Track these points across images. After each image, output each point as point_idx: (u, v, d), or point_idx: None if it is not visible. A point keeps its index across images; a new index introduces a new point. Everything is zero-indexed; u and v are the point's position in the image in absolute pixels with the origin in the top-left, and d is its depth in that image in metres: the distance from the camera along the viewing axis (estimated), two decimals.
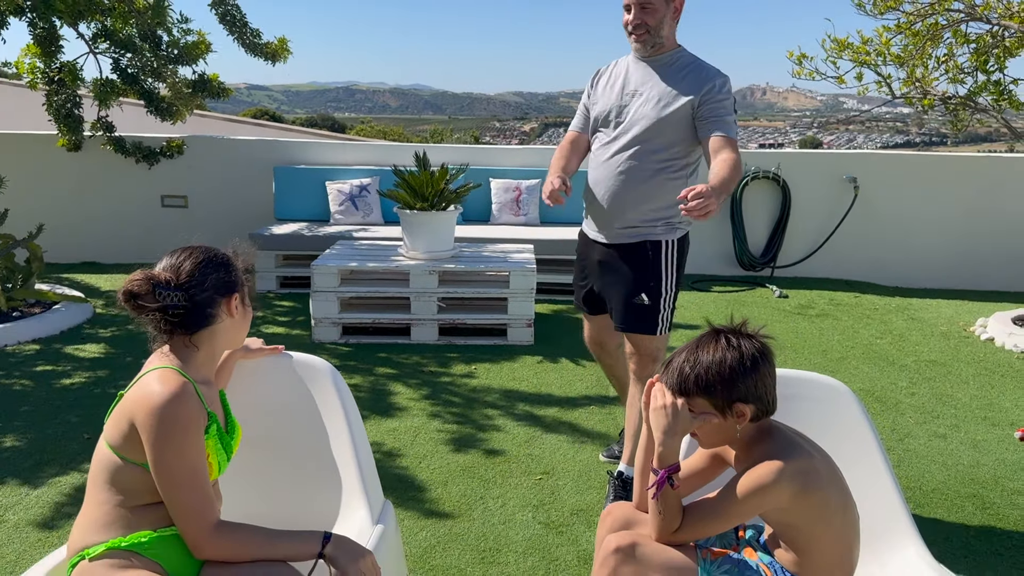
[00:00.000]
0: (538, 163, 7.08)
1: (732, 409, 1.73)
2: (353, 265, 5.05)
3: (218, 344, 1.84)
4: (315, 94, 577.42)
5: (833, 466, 1.76)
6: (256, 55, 6.75)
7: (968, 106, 6.03)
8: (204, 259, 1.79)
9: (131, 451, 1.68)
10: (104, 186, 7.19)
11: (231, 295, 1.83)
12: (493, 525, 2.96)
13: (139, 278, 1.71)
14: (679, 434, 1.78)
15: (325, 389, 2.23)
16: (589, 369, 4.62)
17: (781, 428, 1.79)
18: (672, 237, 2.97)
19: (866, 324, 5.75)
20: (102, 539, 1.67)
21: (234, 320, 1.85)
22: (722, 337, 1.75)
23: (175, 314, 1.73)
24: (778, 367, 1.85)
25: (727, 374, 1.71)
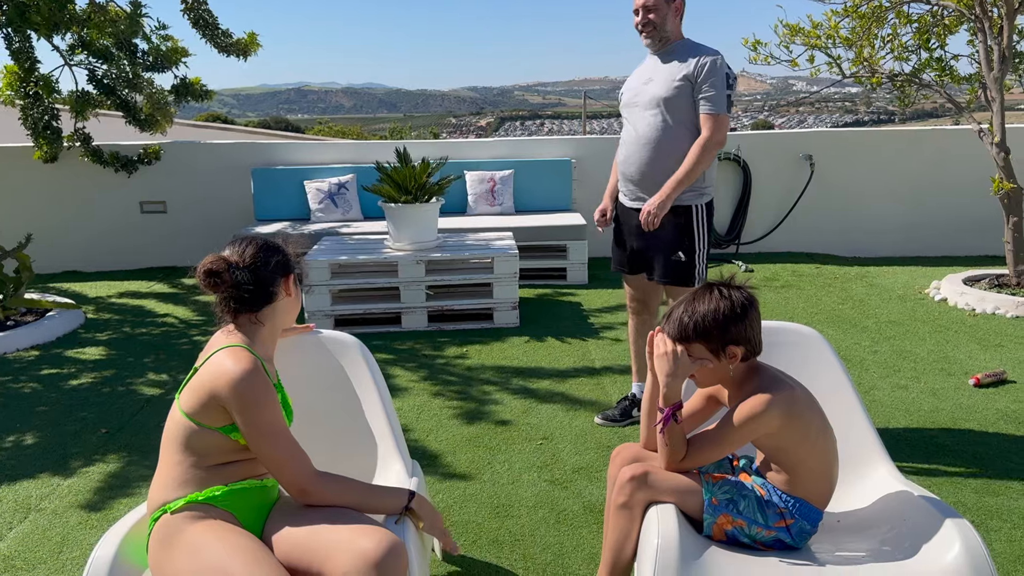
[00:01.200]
0: (510, 154, 7.34)
1: (726, 351, 2.00)
2: (344, 259, 5.26)
3: (279, 320, 2.08)
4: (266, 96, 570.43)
5: (812, 396, 2.05)
6: (229, 54, 6.89)
7: (913, 82, 6.41)
8: (263, 244, 2.04)
9: (208, 418, 1.90)
10: (83, 196, 7.29)
11: (288, 275, 2.08)
12: (503, 485, 3.22)
13: (215, 259, 1.95)
14: (681, 377, 2.05)
15: (355, 361, 2.47)
16: (574, 346, 4.90)
17: (766, 367, 2.07)
18: (700, 202, 3.43)
19: (828, 292, 6.10)
20: (180, 495, 1.89)
21: (291, 299, 2.10)
22: (715, 289, 2.02)
23: (245, 291, 1.97)
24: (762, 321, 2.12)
25: (721, 320, 1.98)
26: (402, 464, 2.35)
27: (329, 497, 1.92)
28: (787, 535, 2.01)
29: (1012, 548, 2.69)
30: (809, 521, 2.02)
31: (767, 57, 6.34)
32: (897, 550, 1.94)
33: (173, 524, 1.86)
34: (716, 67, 3.26)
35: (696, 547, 1.95)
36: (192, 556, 1.79)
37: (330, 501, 1.92)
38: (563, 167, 7.14)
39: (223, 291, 1.96)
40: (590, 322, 5.39)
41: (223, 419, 1.90)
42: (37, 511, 3.09)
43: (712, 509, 2.01)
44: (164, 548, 1.84)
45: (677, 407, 2.05)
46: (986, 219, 7.14)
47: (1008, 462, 3.31)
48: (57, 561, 2.75)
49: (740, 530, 2.01)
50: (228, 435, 1.91)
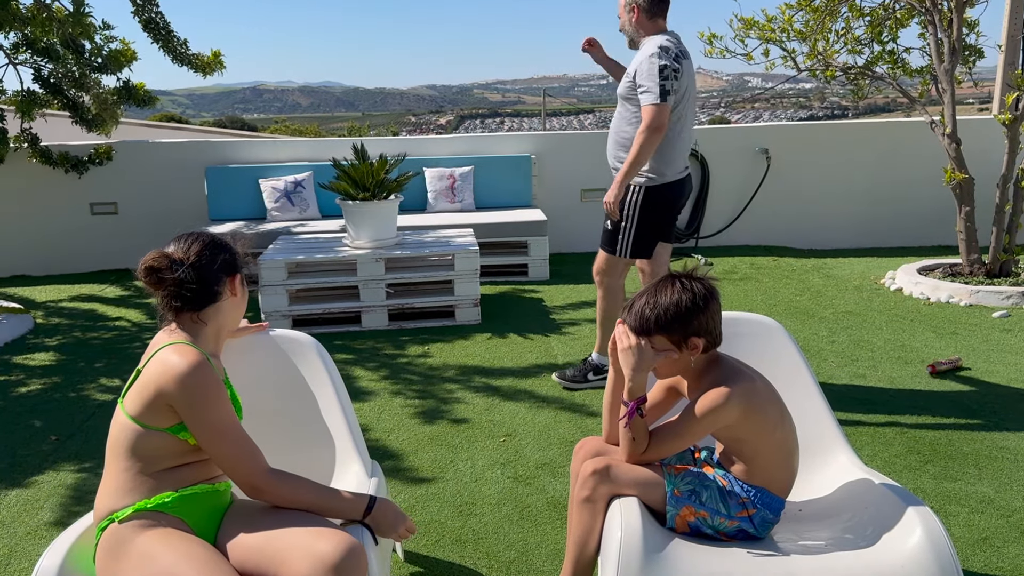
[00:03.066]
0: (470, 151, 7.29)
1: (688, 343, 1.99)
2: (300, 258, 5.18)
3: (222, 321, 2.01)
4: (221, 96, 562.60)
5: (771, 387, 2.04)
6: (185, 65, 6.74)
7: (867, 75, 6.50)
8: (210, 241, 1.97)
9: (154, 419, 1.83)
10: (30, 197, 7.09)
11: (234, 275, 2.01)
12: (466, 483, 3.18)
13: (157, 255, 1.88)
14: (645, 370, 2.03)
15: (311, 361, 2.41)
16: (537, 342, 4.88)
17: (726, 358, 2.06)
18: (638, 183, 3.80)
19: (786, 284, 6.16)
20: (129, 502, 1.82)
21: (236, 299, 2.03)
22: (677, 281, 2.00)
23: (187, 290, 1.90)
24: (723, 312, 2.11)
25: (683, 312, 1.96)
26: (361, 464, 2.30)
27: (284, 495, 1.85)
28: (750, 525, 2.00)
29: (971, 532, 2.72)
30: (771, 510, 2.02)
31: (723, 51, 6.38)
32: (859, 537, 1.94)
33: (121, 534, 1.79)
34: (651, 62, 3.60)
35: (659, 539, 1.93)
36: (142, 566, 1.73)
37: (285, 499, 1.86)
38: (523, 163, 7.11)
39: (164, 289, 1.90)
40: (552, 318, 5.38)
41: (170, 419, 1.83)
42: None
43: (675, 501, 2.00)
44: (112, 559, 1.77)
45: (641, 401, 2.03)
46: (939, 210, 7.27)
47: (965, 447, 3.35)
48: (4, 573, 2.66)
49: (703, 521, 2.00)
50: (176, 435, 1.84)
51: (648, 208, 3.79)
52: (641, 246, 3.85)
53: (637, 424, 2.03)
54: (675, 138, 3.74)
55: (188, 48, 6.62)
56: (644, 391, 2.05)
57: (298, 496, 1.86)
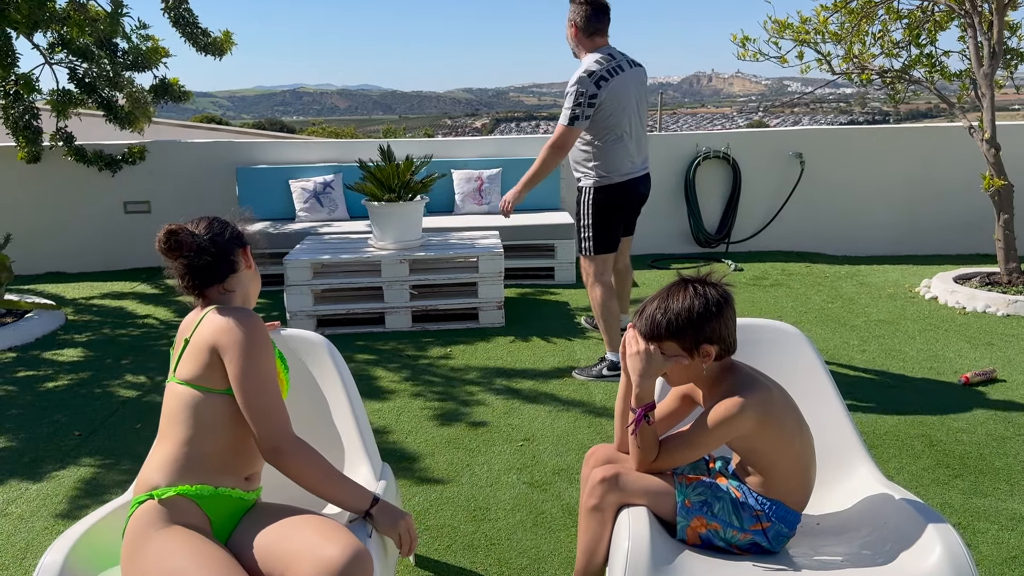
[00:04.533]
0: (497, 153, 7.27)
1: (699, 350, 1.93)
2: (326, 258, 5.19)
3: (246, 290, 2.05)
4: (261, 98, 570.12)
5: (788, 396, 1.98)
6: (207, 53, 6.82)
7: (903, 79, 6.36)
8: (214, 219, 2.02)
9: (213, 380, 1.86)
10: (66, 196, 7.20)
11: (246, 246, 2.06)
12: (481, 487, 3.15)
13: (173, 225, 1.92)
14: (653, 376, 1.98)
15: (323, 361, 2.40)
16: (559, 346, 4.83)
17: (741, 366, 2.00)
18: (587, 184, 4.15)
19: (818, 291, 6.04)
20: (174, 481, 1.83)
21: (252, 272, 2.08)
22: (689, 286, 1.95)
23: (208, 256, 1.93)
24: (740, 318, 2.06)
25: (695, 318, 1.91)
26: (369, 467, 2.28)
27: (300, 464, 1.85)
28: (763, 538, 1.94)
29: (1000, 551, 2.63)
30: (786, 524, 1.95)
31: (756, 53, 6.29)
32: (877, 554, 1.87)
33: (154, 515, 1.80)
34: (570, 88, 3.96)
35: (669, 551, 1.88)
36: (161, 559, 1.73)
37: (300, 468, 1.85)
38: None
39: (184, 256, 1.93)
40: (576, 322, 5.32)
41: (225, 378, 1.87)
42: (3, 516, 3.01)
43: (685, 512, 1.94)
44: (142, 539, 1.78)
45: (649, 408, 1.99)
46: (977, 217, 7.09)
47: (996, 462, 3.24)
48: (20, 567, 2.68)
49: (715, 533, 1.94)
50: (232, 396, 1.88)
51: (600, 206, 4.12)
52: (603, 243, 4.17)
53: (645, 432, 1.98)
54: (612, 145, 4.07)
55: (209, 36, 6.70)
56: (652, 398, 2.00)
57: (312, 470, 1.86)
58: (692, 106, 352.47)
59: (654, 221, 7.34)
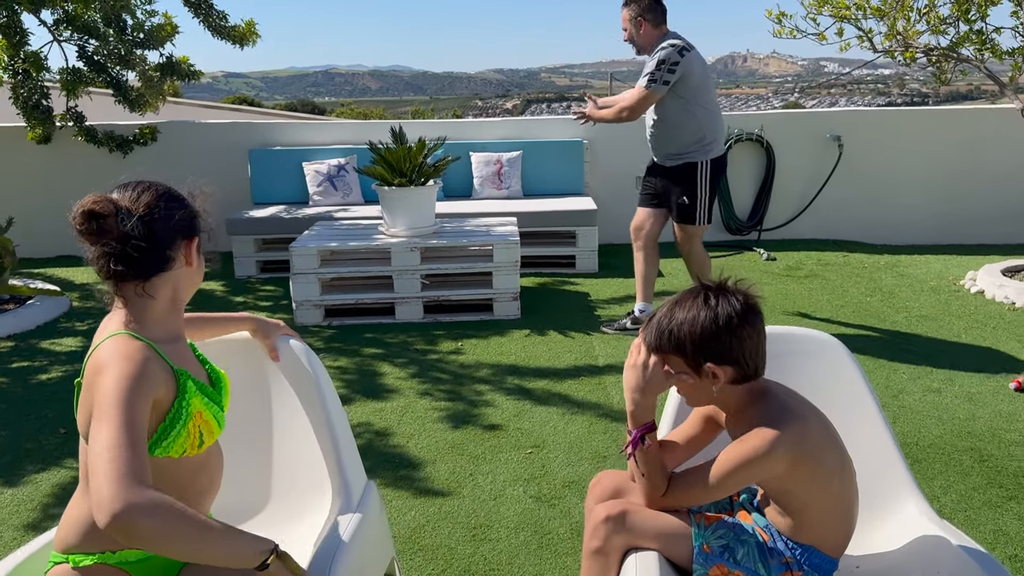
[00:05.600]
0: (519, 135, 6.97)
1: (703, 370, 1.65)
2: (333, 245, 4.95)
3: (175, 294, 1.62)
4: (293, 79, 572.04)
5: (828, 428, 1.69)
6: (223, 38, 6.58)
7: (951, 57, 5.94)
8: (164, 192, 1.59)
9: None
10: (77, 177, 7.04)
11: (192, 238, 1.63)
12: (483, 501, 2.90)
13: (99, 198, 1.50)
14: (651, 393, 1.72)
15: (298, 370, 2.14)
16: (577, 341, 4.55)
17: (774, 391, 1.70)
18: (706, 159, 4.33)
19: (855, 283, 5.69)
20: (91, 548, 1.54)
21: (191, 270, 1.64)
22: (702, 294, 1.66)
23: (134, 248, 1.51)
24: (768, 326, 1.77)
25: (698, 333, 1.63)
26: (344, 493, 2.02)
27: (147, 532, 1.28)
28: None
29: None
30: (821, 572, 1.67)
31: (792, 30, 5.91)
32: None
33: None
34: (657, 53, 4.14)
35: None
36: None
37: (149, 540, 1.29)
38: (575, 149, 6.76)
39: (104, 243, 1.50)
40: (597, 315, 5.04)
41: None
42: None
43: (703, 558, 1.67)
44: None
45: (647, 429, 1.72)
46: None
47: None
48: None
49: None
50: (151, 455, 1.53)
51: (714, 179, 4.36)
52: (710, 212, 4.42)
53: (647, 457, 1.71)
54: (716, 120, 4.33)
55: (227, 20, 6.45)
56: (651, 417, 1.74)
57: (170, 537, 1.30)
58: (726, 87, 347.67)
59: None
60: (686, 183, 4.31)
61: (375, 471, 3.12)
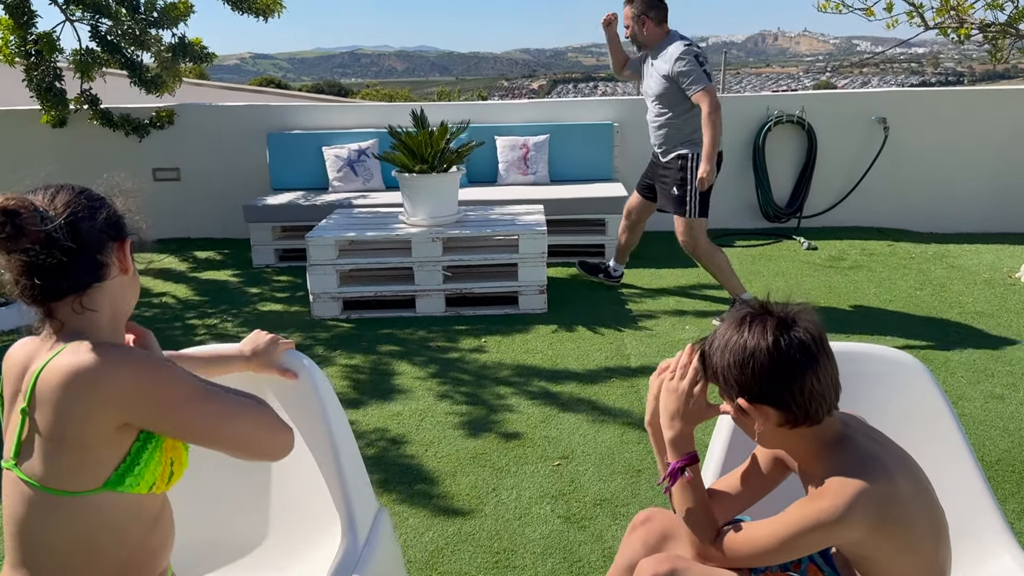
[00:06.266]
0: (546, 118, 6.68)
1: (738, 405, 1.39)
2: (351, 235, 4.72)
3: (116, 307, 1.38)
4: (320, 60, 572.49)
5: (921, 482, 1.40)
6: (244, 11, 6.33)
7: (1009, 34, 5.56)
8: (82, 191, 1.38)
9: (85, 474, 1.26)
10: (93, 162, 6.85)
11: (124, 239, 1.40)
12: (507, 521, 2.66)
13: (16, 197, 1.28)
14: (690, 421, 1.50)
15: (301, 387, 1.90)
16: (607, 338, 4.29)
17: (852, 436, 1.42)
18: (696, 152, 4.39)
19: (903, 275, 5.36)
20: None
21: (127, 278, 1.40)
22: (760, 320, 1.39)
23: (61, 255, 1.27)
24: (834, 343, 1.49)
25: (726, 363, 1.39)
26: (350, 526, 1.78)
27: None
28: None
29: None
30: None
31: (838, 5, 5.55)
32: None
33: None
34: (686, 57, 4.22)
35: None
36: None
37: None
38: (605, 132, 6.46)
39: (24, 250, 1.26)
40: (628, 308, 4.77)
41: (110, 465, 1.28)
42: None
43: None
44: None
45: (688, 460, 1.47)
46: None
47: None
48: None
49: None
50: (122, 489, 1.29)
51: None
52: (704, 205, 4.45)
53: (689, 495, 1.46)
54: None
55: None
56: (691, 447, 1.50)
57: None
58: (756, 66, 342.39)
59: (717, 193, 6.59)
60: (677, 174, 4.41)
61: (389, 485, 2.89)
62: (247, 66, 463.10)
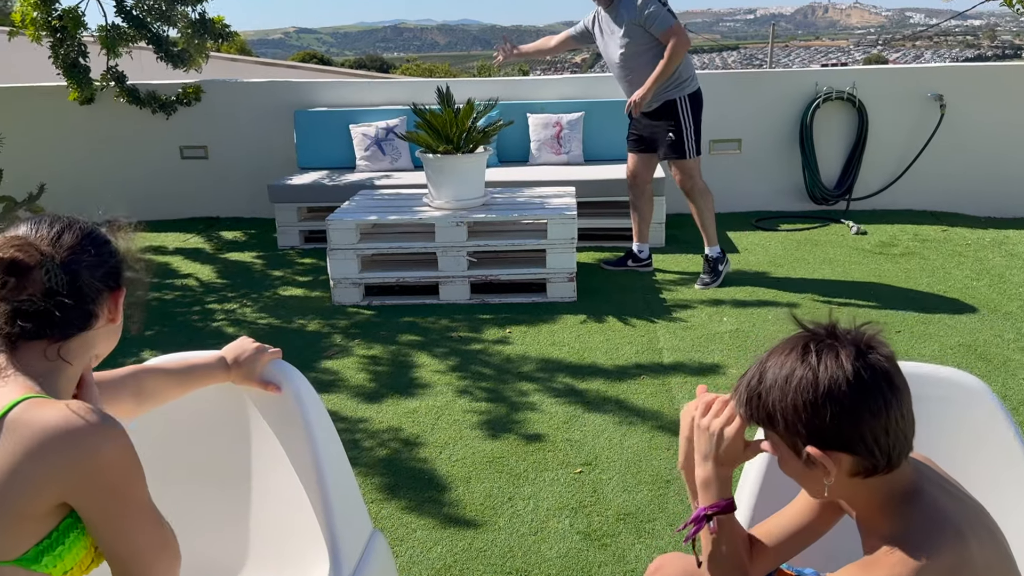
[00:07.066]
0: (581, 95, 6.41)
1: (806, 455, 1.16)
2: (373, 219, 4.54)
3: (88, 357, 1.28)
4: (363, 35, 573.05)
5: (999, 545, 1.17)
6: None
7: None
8: (89, 233, 1.26)
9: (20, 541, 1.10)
10: (120, 140, 6.77)
11: (119, 288, 1.30)
12: (523, 535, 2.46)
13: (20, 243, 1.16)
14: (727, 464, 1.27)
15: (286, 401, 1.72)
16: (639, 329, 4.06)
17: (925, 487, 1.18)
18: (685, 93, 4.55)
19: (958, 263, 5.03)
20: None
21: (112, 327, 1.31)
22: (801, 343, 1.16)
23: (56, 307, 1.17)
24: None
25: (790, 403, 1.13)
26: (335, 560, 1.60)
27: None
28: None
29: None
30: None
31: None
32: None
33: None
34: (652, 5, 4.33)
35: None
36: None
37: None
38: None
39: (22, 300, 1.16)
40: (662, 297, 4.52)
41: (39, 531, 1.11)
42: None
43: None
44: None
45: (721, 508, 1.25)
46: None
47: None
48: None
49: None
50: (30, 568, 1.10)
51: (696, 110, 4.57)
52: (698, 142, 4.59)
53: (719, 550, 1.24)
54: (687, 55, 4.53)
55: None
56: (728, 492, 1.28)
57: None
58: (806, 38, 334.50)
59: (760, 172, 6.39)
60: (669, 120, 4.52)
61: (398, 491, 2.72)
62: (291, 40, 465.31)
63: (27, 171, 6.09)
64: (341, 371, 3.68)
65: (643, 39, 4.42)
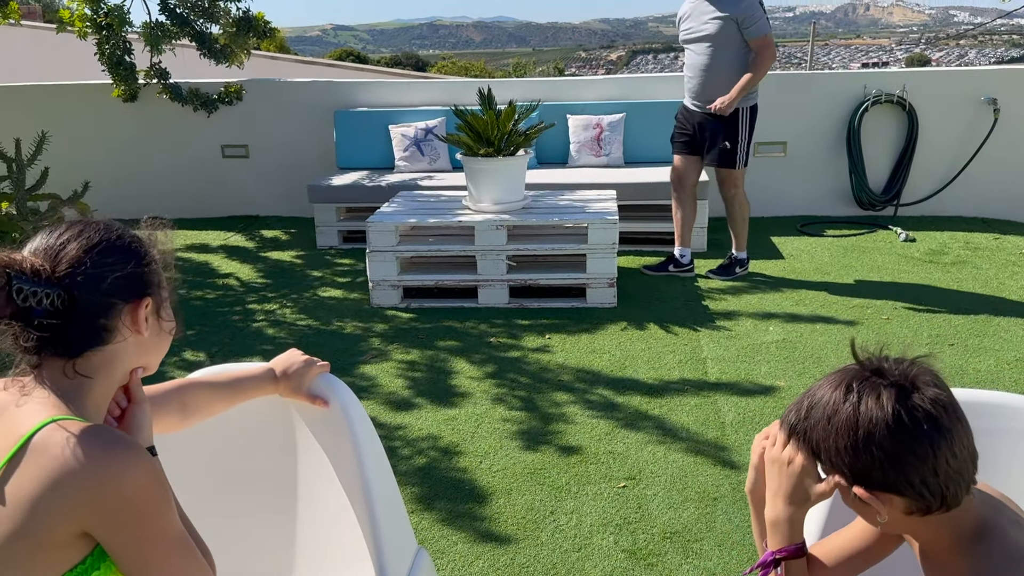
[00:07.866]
0: (621, 95, 6.33)
1: (854, 495, 1.10)
2: (413, 221, 4.51)
3: (118, 371, 1.21)
4: (399, 32, 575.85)
5: None
6: None
7: None
8: (100, 241, 1.17)
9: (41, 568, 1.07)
10: (162, 137, 6.83)
11: (140, 299, 1.20)
12: (565, 552, 2.41)
13: (6, 258, 1.09)
14: (798, 503, 1.19)
15: (333, 416, 1.68)
16: (682, 338, 3.98)
17: (997, 522, 1.12)
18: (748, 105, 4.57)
19: (1012, 273, 4.87)
20: None
21: (142, 338, 1.21)
22: (866, 387, 1.09)
23: (39, 328, 1.11)
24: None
25: (832, 441, 1.09)
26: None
27: None
28: None
29: None
30: None
31: None
32: None
33: None
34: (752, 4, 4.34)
35: None
36: None
37: None
38: None
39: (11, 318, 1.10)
40: (705, 304, 4.44)
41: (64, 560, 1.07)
42: None
43: None
44: None
45: (791, 552, 1.19)
46: None
47: None
48: None
49: None
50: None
51: (753, 123, 4.60)
52: (747, 156, 4.66)
53: None
54: None
55: None
56: (800, 536, 1.21)
57: None
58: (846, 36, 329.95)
59: (805, 176, 6.26)
60: (729, 129, 4.52)
61: (436, 502, 2.67)
62: (328, 38, 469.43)
63: (71, 168, 6.15)
64: (378, 376, 3.65)
65: (732, 37, 4.39)
